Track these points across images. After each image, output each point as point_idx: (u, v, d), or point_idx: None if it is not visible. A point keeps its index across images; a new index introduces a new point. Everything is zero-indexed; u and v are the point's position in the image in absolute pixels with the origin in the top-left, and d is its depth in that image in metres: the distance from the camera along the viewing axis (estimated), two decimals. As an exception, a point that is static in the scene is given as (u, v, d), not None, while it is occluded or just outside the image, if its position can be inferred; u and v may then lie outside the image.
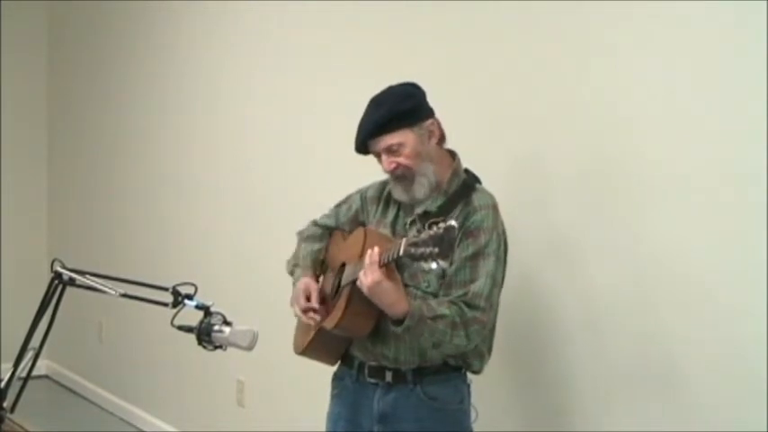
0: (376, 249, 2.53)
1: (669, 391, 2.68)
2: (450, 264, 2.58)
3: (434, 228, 2.36)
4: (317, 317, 2.76)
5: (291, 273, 2.96)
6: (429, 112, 2.73)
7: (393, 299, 2.54)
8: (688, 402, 2.63)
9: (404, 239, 2.44)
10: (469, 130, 3.14)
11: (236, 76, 4.57)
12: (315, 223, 3.03)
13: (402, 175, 2.70)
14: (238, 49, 4.55)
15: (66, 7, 6.13)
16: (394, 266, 2.56)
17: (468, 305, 2.59)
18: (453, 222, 2.36)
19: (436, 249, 2.34)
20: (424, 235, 2.37)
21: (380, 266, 2.51)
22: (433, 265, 2.37)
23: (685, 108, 2.62)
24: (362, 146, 2.73)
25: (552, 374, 3.01)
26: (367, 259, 2.53)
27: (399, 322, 2.55)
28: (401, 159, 2.67)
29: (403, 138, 2.66)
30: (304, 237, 3.01)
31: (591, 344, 2.89)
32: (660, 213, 2.69)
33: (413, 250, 2.38)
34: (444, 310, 2.57)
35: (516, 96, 3.12)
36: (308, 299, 2.78)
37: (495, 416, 3.06)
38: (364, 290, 2.53)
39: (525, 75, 3.08)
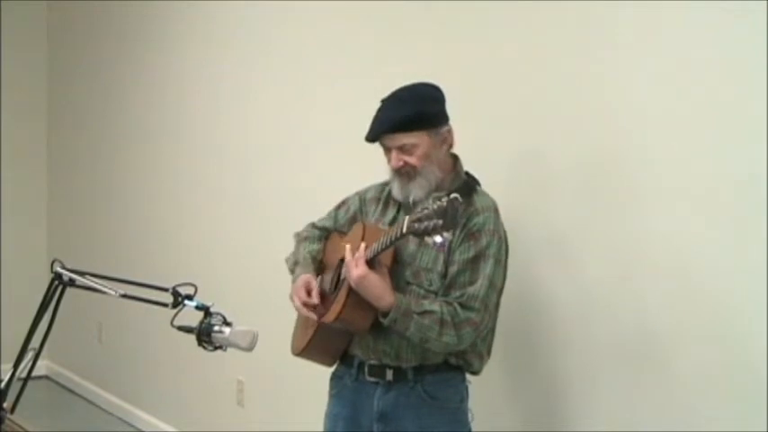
0: (363, 244, 2.58)
1: (668, 392, 2.68)
2: (453, 231, 2.55)
3: (438, 202, 2.37)
4: (316, 313, 2.76)
5: (292, 271, 2.96)
6: (447, 119, 2.74)
7: (379, 291, 2.58)
8: (688, 403, 2.63)
9: (406, 218, 2.45)
10: (468, 129, 3.13)
11: (237, 77, 4.57)
12: (313, 225, 3.03)
13: (405, 173, 2.70)
14: (239, 49, 4.55)
15: (66, 7, 6.13)
16: (381, 261, 2.59)
17: (463, 306, 2.61)
18: (456, 195, 2.36)
19: (440, 221, 2.34)
20: (427, 210, 2.38)
21: (367, 260, 2.56)
22: (438, 239, 2.37)
23: (685, 108, 2.62)
24: (376, 137, 2.72)
25: (548, 375, 3.01)
26: (351, 254, 2.57)
27: (387, 315, 2.59)
28: (411, 159, 2.68)
29: (419, 139, 2.67)
30: (302, 237, 3.01)
31: (588, 345, 2.89)
32: (659, 213, 2.69)
33: (416, 225, 2.39)
34: (434, 307, 2.60)
35: (515, 96, 3.12)
36: (309, 294, 2.78)
37: (491, 416, 3.06)
38: (352, 283, 2.58)
39: (525, 74, 3.08)
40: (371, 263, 2.59)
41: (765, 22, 2.40)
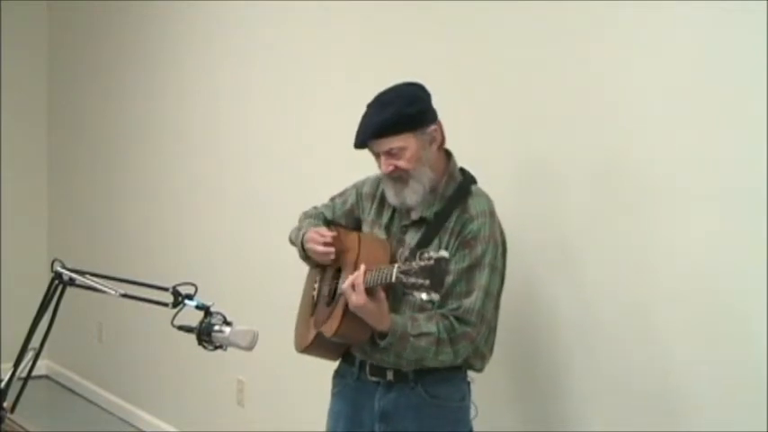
0: (362, 270, 2.54)
1: (667, 393, 2.68)
2: (439, 292, 2.54)
3: (426, 257, 2.37)
4: (333, 249, 2.76)
5: (293, 242, 2.95)
6: (434, 117, 2.71)
7: (376, 318, 2.58)
8: (688, 404, 2.63)
9: (396, 266, 2.45)
10: (472, 133, 3.13)
11: (237, 77, 4.57)
12: (315, 208, 3.05)
13: (398, 177, 2.69)
14: (238, 50, 4.55)
15: (66, 7, 6.13)
16: (380, 289, 2.57)
17: (459, 320, 2.61)
18: (445, 254, 2.37)
19: (427, 282, 2.35)
20: (415, 264, 2.38)
21: (366, 288, 2.53)
22: (424, 296, 2.38)
23: (685, 109, 2.62)
24: (363, 144, 2.72)
25: (551, 374, 3.01)
26: (351, 281, 2.54)
27: (384, 336, 2.59)
28: (400, 163, 2.66)
29: (405, 142, 2.65)
30: (308, 215, 3.03)
31: (590, 346, 2.89)
32: (663, 220, 2.68)
33: (404, 278, 2.40)
34: (431, 327, 2.59)
35: (520, 99, 3.11)
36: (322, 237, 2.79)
37: (495, 413, 3.06)
38: (351, 308, 2.57)
39: (529, 77, 3.08)
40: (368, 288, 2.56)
41: (765, 22, 2.40)
